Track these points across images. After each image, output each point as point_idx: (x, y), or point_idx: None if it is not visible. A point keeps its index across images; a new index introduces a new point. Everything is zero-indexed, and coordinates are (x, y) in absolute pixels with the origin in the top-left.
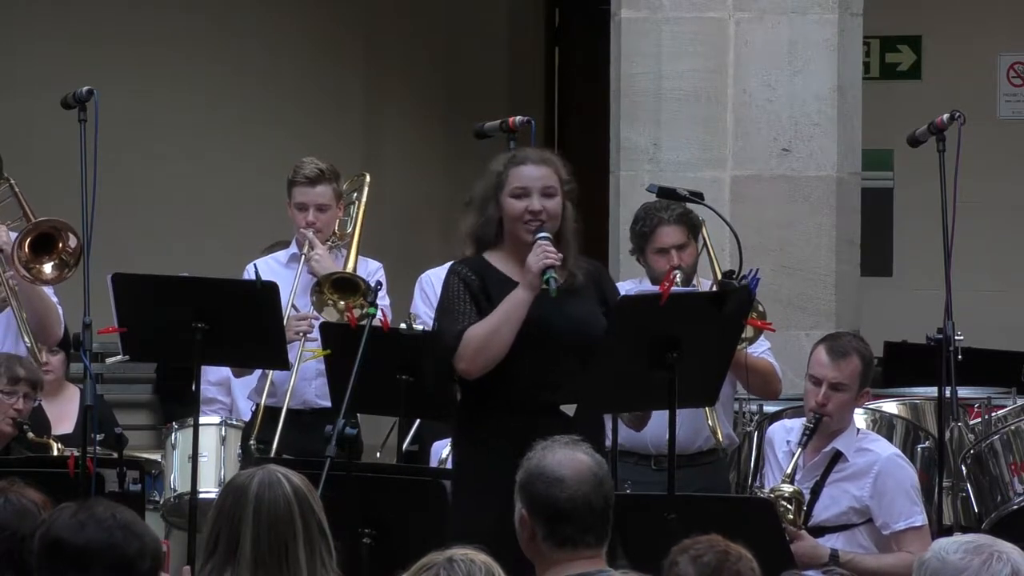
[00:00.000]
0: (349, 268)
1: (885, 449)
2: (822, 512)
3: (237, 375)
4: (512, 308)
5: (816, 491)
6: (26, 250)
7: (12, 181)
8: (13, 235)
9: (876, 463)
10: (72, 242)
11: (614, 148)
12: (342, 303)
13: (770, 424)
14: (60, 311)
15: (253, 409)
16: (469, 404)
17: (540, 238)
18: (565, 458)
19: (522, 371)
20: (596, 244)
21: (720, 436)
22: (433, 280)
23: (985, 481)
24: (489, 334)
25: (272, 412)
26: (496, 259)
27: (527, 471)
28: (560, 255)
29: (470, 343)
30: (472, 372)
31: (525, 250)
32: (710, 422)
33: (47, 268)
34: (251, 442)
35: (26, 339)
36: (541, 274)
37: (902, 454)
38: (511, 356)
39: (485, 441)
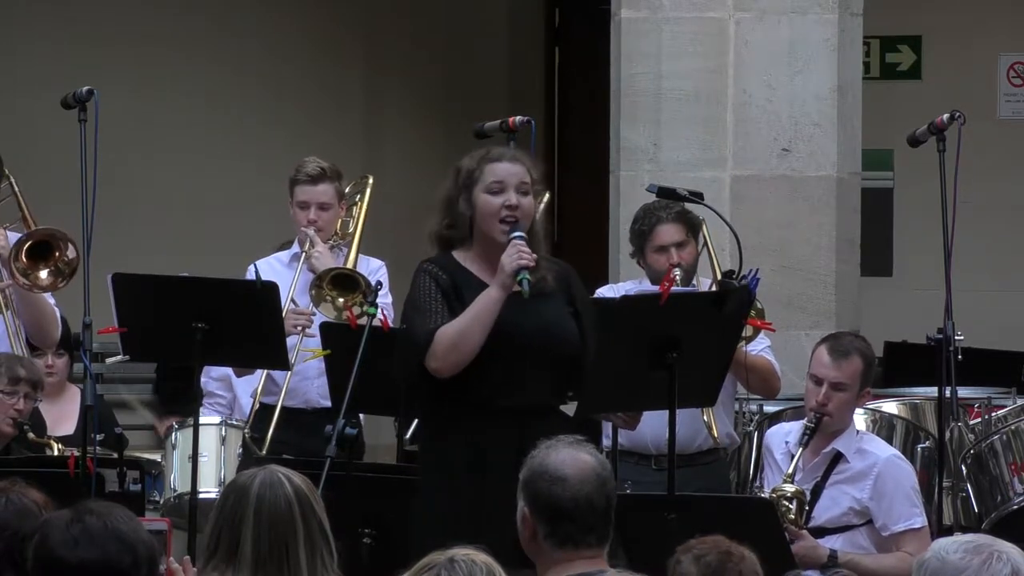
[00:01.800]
0: (349, 265)
1: (885, 450)
2: (823, 513)
3: (239, 374)
4: (484, 307)
5: (816, 492)
6: (23, 259)
7: (12, 179)
8: (12, 236)
9: (876, 465)
10: (70, 253)
11: (614, 148)
12: (341, 300)
13: (770, 424)
14: (57, 313)
15: (256, 408)
16: (435, 403)
17: (515, 237)
18: (568, 457)
19: (489, 373)
20: (596, 244)
21: (716, 433)
22: None
23: (985, 481)
24: (460, 333)
25: (274, 411)
26: (465, 259)
27: (530, 469)
28: (534, 255)
29: (441, 342)
30: (443, 371)
31: (496, 249)
32: (705, 418)
33: (42, 275)
34: (245, 431)
35: (15, 348)
36: (515, 274)
37: (901, 455)
38: (480, 358)
39: (448, 442)
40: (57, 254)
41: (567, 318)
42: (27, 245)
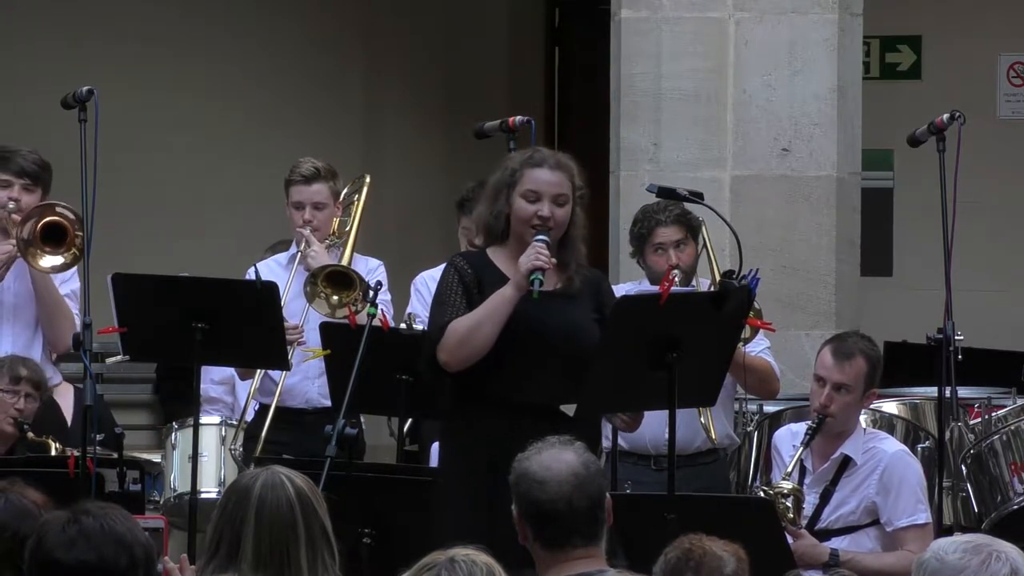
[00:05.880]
0: (344, 263)
1: (892, 446)
2: (830, 516)
3: (243, 376)
4: (496, 305)
5: (826, 496)
6: (38, 233)
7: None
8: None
9: (882, 460)
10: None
11: (614, 148)
12: (335, 298)
13: (771, 424)
14: (76, 319)
15: (257, 408)
16: (457, 399)
17: (537, 239)
18: (549, 459)
19: (508, 370)
20: (596, 245)
21: (713, 435)
22: (428, 281)
23: (985, 481)
24: (471, 328)
25: (276, 411)
26: (497, 256)
27: (516, 472)
28: (552, 260)
29: (452, 335)
30: (452, 364)
31: (525, 250)
32: (702, 419)
33: (57, 261)
34: (236, 446)
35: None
36: (528, 275)
37: (909, 451)
38: (500, 354)
39: (465, 438)
40: (69, 237)
41: (591, 322)
42: (43, 222)
